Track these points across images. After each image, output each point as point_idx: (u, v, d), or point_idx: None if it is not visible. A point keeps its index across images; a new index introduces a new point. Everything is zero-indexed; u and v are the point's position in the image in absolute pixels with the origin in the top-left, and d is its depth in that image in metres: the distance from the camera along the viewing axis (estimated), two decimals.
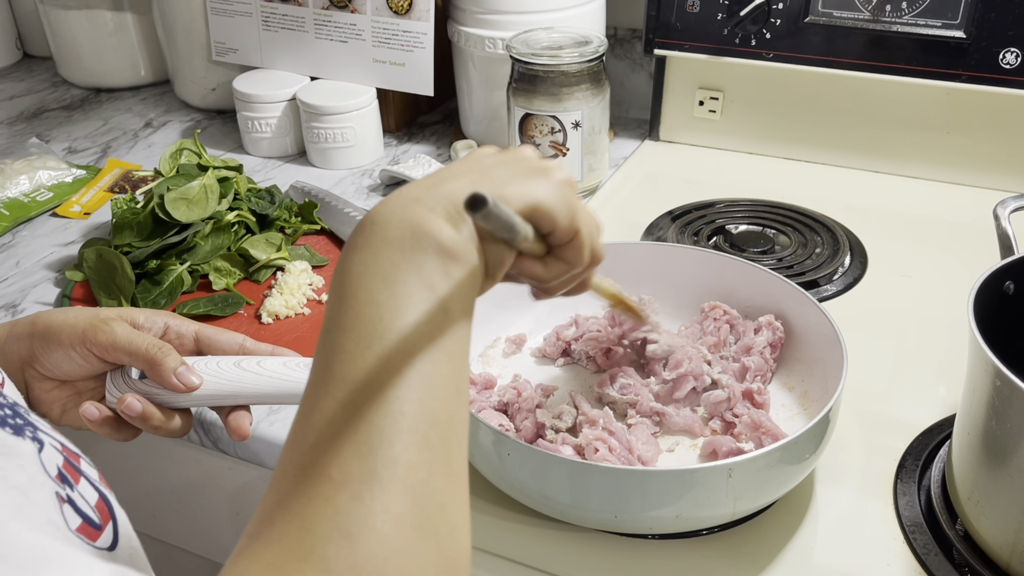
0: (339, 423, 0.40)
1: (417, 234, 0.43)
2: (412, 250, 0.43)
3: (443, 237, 0.43)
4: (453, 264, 0.43)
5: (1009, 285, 0.66)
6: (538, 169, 0.48)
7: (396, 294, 0.42)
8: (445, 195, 0.44)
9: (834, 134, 1.14)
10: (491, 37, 1.12)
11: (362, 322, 0.42)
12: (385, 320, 0.41)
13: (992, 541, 0.61)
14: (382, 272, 0.42)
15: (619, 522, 0.63)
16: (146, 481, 0.93)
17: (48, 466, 0.39)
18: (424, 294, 0.42)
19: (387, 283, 0.42)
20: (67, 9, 1.42)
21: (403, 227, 0.43)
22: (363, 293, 0.42)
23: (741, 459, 0.60)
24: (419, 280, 0.42)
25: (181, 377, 0.61)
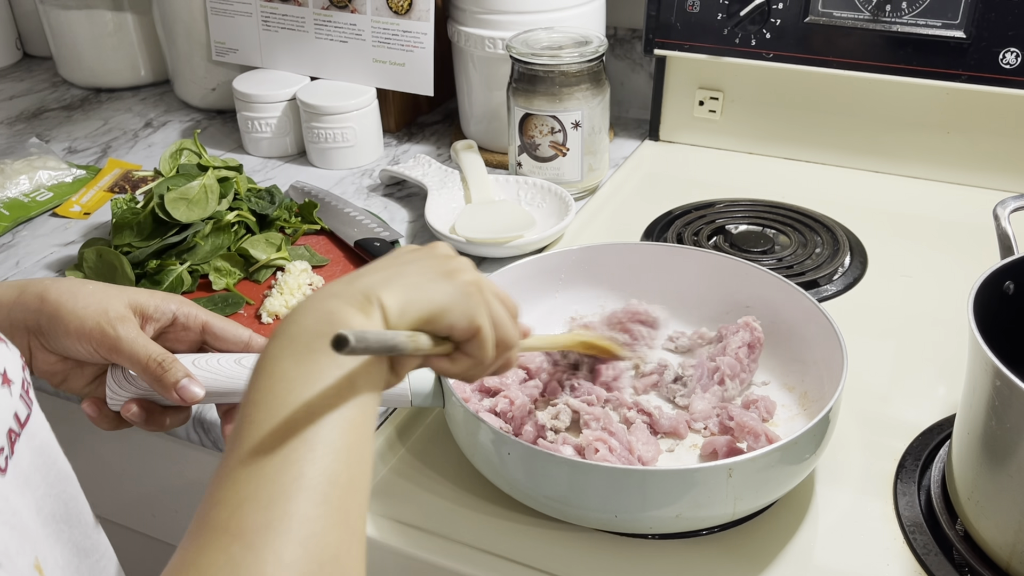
0: (242, 482, 0.42)
1: (331, 321, 0.47)
2: (325, 335, 0.45)
3: (354, 324, 0.47)
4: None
5: (1009, 285, 0.66)
6: (446, 272, 0.52)
7: (308, 371, 0.46)
8: (359, 288, 0.49)
9: (834, 134, 1.14)
10: (491, 37, 1.12)
11: (272, 394, 0.45)
12: (295, 392, 0.45)
13: (992, 541, 0.61)
14: (296, 353, 0.46)
15: (619, 522, 0.63)
16: (146, 481, 0.93)
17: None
18: (333, 371, 0.46)
19: (299, 361, 0.46)
20: (67, 9, 1.42)
21: (319, 316, 0.47)
22: (277, 371, 0.46)
23: (741, 459, 0.60)
24: (329, 360, 0.46)
25: (182, 392, 0.61)
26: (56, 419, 0.93)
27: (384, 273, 0.51)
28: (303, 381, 0.45)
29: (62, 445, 0.55)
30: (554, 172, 1.08)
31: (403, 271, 0.52)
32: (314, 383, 0.45)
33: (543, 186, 1.06)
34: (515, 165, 1.10)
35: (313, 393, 0.45)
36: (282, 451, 0.43)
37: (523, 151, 1.08)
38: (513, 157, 1.10)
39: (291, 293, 0.91)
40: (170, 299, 0.66)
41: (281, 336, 0.48)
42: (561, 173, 1.08)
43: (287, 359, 0.46)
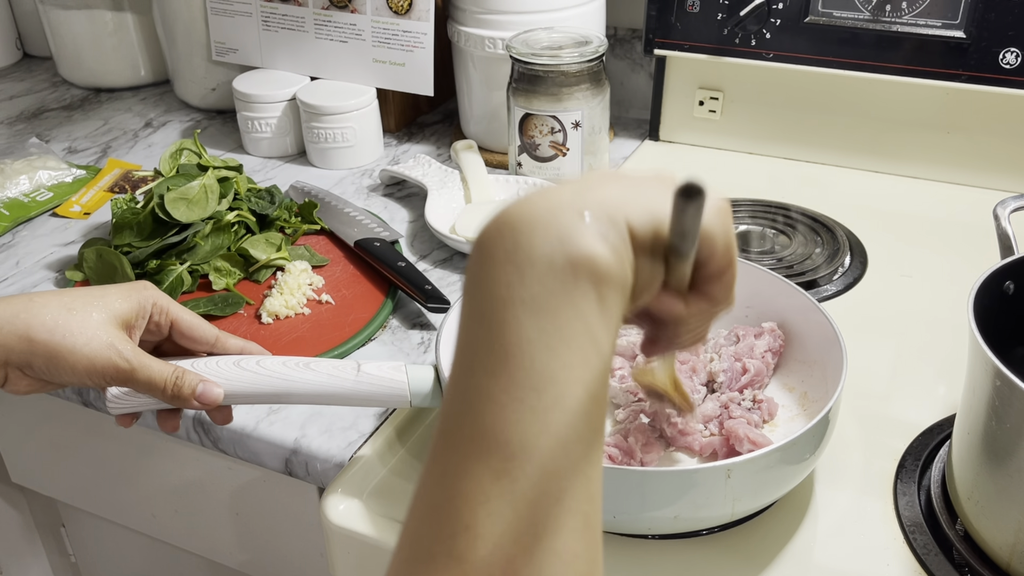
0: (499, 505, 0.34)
1: (571, 251, 0.37)
2: (566, 274, 0.36)
3: (599, 257, 0.37)
4: (609, 291, 0.37)
5: (1009, 285, 0.66)
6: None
7: (548, 332, 0.36)
8: (597, 200, 0.38)
9: (834, 134, 1.14)
10: (491, 37, 1.12)
11: (513, 365, 0.35)
12: (540, 367, 0.35)
13: (992, 541, 0.61)
14: (532, 300, 0.36)
15: (618, 522, 0.63)
16: (146, 481, 0.93)
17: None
18: (583, 338, 0.36)
19: (538, 315, 0.36)
20: (67, 9, 1.42)
21: (551, 239, 0.37)
22: (511, 325, 0.36)
23: (740, 460, 0.60)
24: (576, 316, 0.36)
25: (203, 398, 0.61)
26: (56, 419, 0.93)
27: (619, 186, 0.40)
28: (546, 348, 0.35)
29: (62, 445, 0.55)
30: (554, 172, 1.08)
31: (641, 185, 0.40)
32: (561, 352, 0.36)
33: (543, 186, 1.06)
34: (515, 165, 1.10)
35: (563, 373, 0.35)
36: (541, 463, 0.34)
37: (523, 151, 1.08)
38: (513, 157, 1.10)
39: (291, 293, 0.91)
40: (141, 295, 0.65)
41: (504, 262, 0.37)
42: (561, 173, 1.08)
43: (521, 308, 0.36)
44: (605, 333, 0.37)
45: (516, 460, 0.34)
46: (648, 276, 0.41)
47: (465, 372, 0.37)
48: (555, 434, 0.35)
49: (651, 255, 0.40)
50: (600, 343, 0.37)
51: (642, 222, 0.39)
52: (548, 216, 0.37)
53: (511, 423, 0.35)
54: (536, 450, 0.34)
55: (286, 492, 0.83)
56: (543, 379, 0.35)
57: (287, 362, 0.64)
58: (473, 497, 0.34)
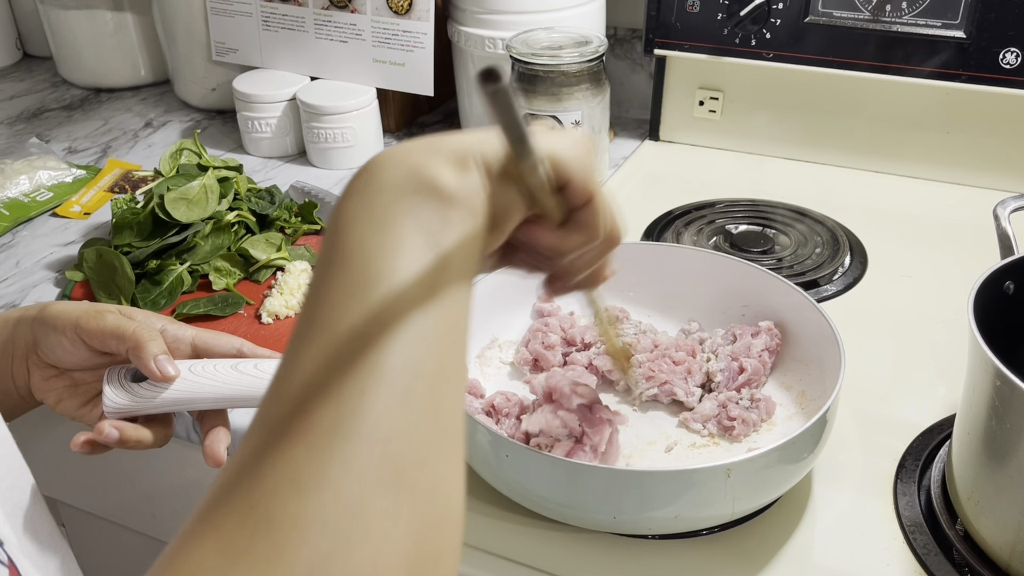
0: (312, 375, 0.36)
1: (417, 177, 0.40)
2: (410, 194, 0.39)
3: (444, 180, 0.40)
4: (455, 211, 0.40)
5: (1009, 285, 0.66)
6: (554, 127, 0.46)
7: (389, 240, 0.38)
8: (450, 143, 0.42)
9: (834, 134, 1.14)
10: (491, 37, 1.12)
11: (350, 269, 0.38)
12: (374, 267, 0.38)
13: (992, 541, 0.61)
14: (375, 217, 0.39)
15: (618, 523, 0.63)
16: (146, 481, 0.93)
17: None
18: (419, 240, 0.39)
19: (380, 228, 0.39)
20: (67, 9, 1.42)
21: (401, 171, 0.40)
22: (353, 239, 0.39)
23: (739, 459, 0.60)
24: (416, 226, 0.39)
25: (159, 364, 0.60)
26: (56, 419, 0.93)
27: (480, 132, 0.43)
28: (384, 253, 0.38)
29: (62, 445, 0.55)
30: None
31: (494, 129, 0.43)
32: (398, 255, 0.38)
33: None
34: None
35: (398, 270, 0.38)
36: (357, 338, 0.36)
37: None
38: None
39: (291, 293, 0.91)
40: (157, 316, 0.66)
41: (355, 195, 0.40)
42: None
43: (364, 224, 0.39)
44: (450, 241, 0.39)
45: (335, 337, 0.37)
46: (507, 199, 0.43)
47: (312, 282, 0.40)
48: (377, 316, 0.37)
49: (506, 181, 0.43)
50: (442, 249, 0.39)
51: (494, 151, 0.42)
52: (402, 154, 0.41)
53: (337, 311, 0.37)
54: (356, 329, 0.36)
55: None
56: (373, 276, 0.38)
57: None
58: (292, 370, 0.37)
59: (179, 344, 0.65)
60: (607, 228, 0.49)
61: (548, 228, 0.47)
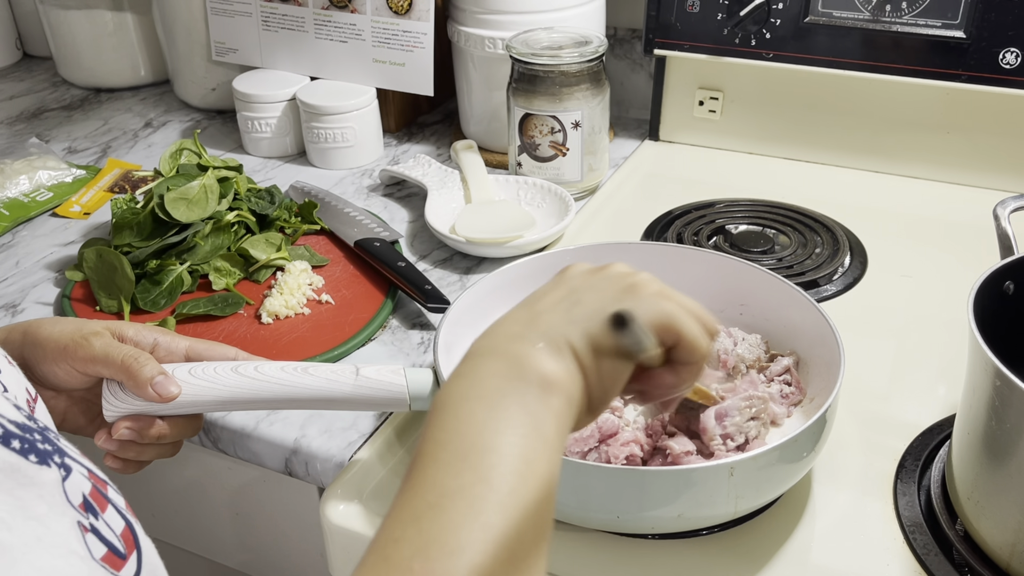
0: (426, 522, 0.40)
1: (521, 366, 0.45)
2: (516, 380, 0.45)
3: (546, 370, 0.45)
4: (554, 396, 0.45)
5: (1009, 285, 0.66)
6: (627, 288, 0.51)
7: (497, 416, 0.43)
8: (545, 331, 0.47)
9: (834, 134, 1.14)
10: (491, 37, 1.12)
11: (461, 437, 0.43)
12: (485, 437, 0.43)
13: (992, 541, 0.61)
14: (485, 396, 0.44)
15: (621, 522, 0.63)
16: (146, 481, 0.93)
17: (72, 495, 0.39)
18: (524, 419, 0.44)
19: (489, 406, 0.44)
20: (67, 9, 1.42)
21: (508, 359, 0.46)
22: (463, 412, 0.44)
23: (742, 457, 0.60)
24: (520, 407, 0.44)
25: (158, 387, 0.60)
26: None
27: (562, 308, 0.49)
28: (492, 426, 0.43)
29: None
30: (554, 172, 1.08)
31: (581, 300, 0.50)
32: (504, 430, 0.43)
33: (543, 186, 1.06)
34: (515, 165, 1.10)
35: (503, 440, 0.43)
36: (469, 493, 0.41)
37: (523, 151, 1.08)
38: (513, 157, 1.10)
39: (291, 293, 0.91)
40: (151, 328, 0.66)
41: (468, 376, 0.46)
42: (561, 173, 1.08)
43: (476, 401, 0.44)
44: (551, 425, 0.45)
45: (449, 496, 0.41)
46: (611, 372, 0.49)
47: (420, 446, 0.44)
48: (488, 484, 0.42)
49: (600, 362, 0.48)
50: (544, 431, 0.44)
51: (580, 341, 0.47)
52: (505, 345, 0.47)
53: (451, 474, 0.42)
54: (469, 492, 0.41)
55: (286, 492, 0.83)
56: (484, 447, 0.43)
57: (285, 367, 0.64)
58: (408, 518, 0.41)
59: (172, 357, 0.65)
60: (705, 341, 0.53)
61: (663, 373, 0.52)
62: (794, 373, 0.75)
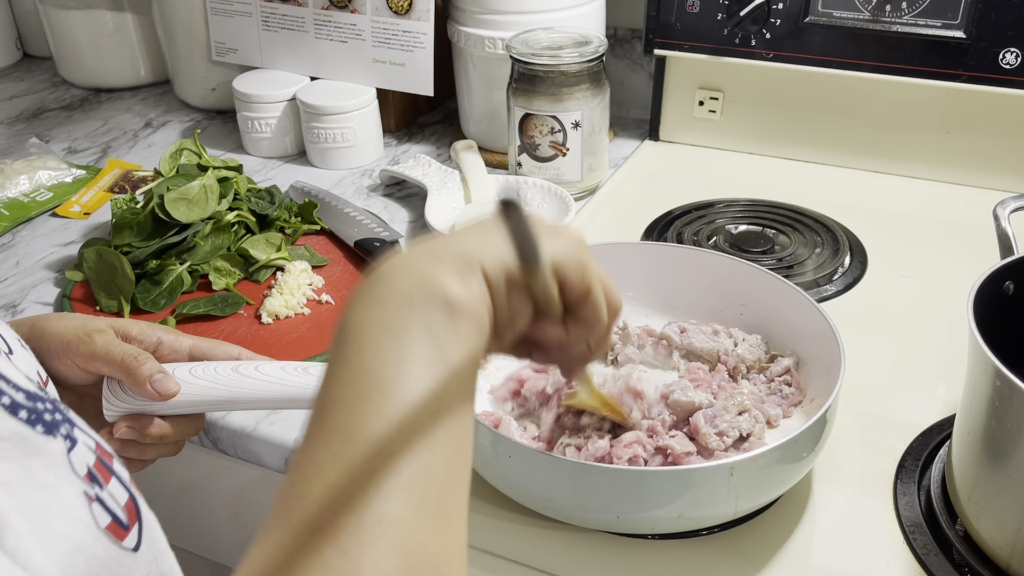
0: (333, 476, 0.38)
1: (425, 287, 0.42)
2: (419, 303, 0.42)
3: (452, 291, 0.42)
4: (461, 319, 0.42)
5: (1009, 285, 0.66)
6: (550, 228, 0.48)
7: (401, 346, 0.41)
8: (456, 252, 0.44)
9: (834, 134, 1.14)
10: (491, 37, 1.12)
11: (364, 373, 0.41)
12: (388, 372, 0.40)
13: (992, 541, 0.61)
14: (387, 323, 0.42)
15: (621, 523, 0.63)
16: (146, 481, 0.93)
17: (77, 465, 0.39)
18: (429, 348, 0.41)
19: (392, 335, 0.41)
20: (67, 9, 1.42)
21: (411, 280, 0.43)
22: (366, 343, 0.41)
23: (742, 457, 0.60)
24: (425, 334, 0.41)
25: (157, 385, 0.60)
26: None
27: (476, 235, 0.46)
28: (397, 359, 0.41)
29: None
30: (554, 172, 1.08)
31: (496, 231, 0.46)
32: (409, 362, 0.41)
33: (543, 186, 1.06)
34: (515, 165, 1.10)
35: (410, 377, 0.40)
36: (376, 443, 0.39)
37: (523, 151, 1.08)
38: (513, 157, 1.10)
39: (291, 293, 0.91)
40: (155, 327, 0.66)
41: (367, 297, 0.43)
42: (561, 173, 1.08)
43: (377, 329, 0.41)
44: (458, 352, 0.42)
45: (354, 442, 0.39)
46: (515, 308, 0.46)
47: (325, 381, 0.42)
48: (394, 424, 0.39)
49: (510, 291, 0.46)
50: (451, 359, 0.42)
51: (493, 264, 0.44)
52: (411, 263, 0.43)
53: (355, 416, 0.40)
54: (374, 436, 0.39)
55: None
56: (388, 383, 0.40)
57: (285, 367, 0.64)
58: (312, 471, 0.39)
59: (176, 356, 0.65)
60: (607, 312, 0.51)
61: (552, 324, 0.49)
62: (794, 374, 0.75)
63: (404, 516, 0.38)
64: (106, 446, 0.43)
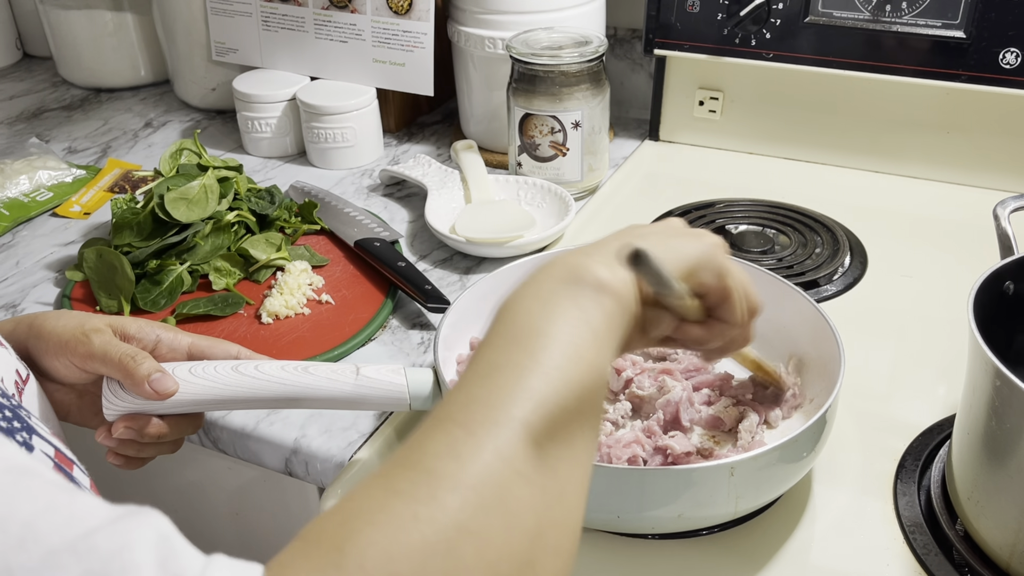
0: (475, 387, 0.43)
1: (577, 272, 0.48)
2: (572, 283, 0.47)
3: (600, 274, 0.48)
4: (607, 296, 0.48)
5: (1009, 285, 0.66)
6: (689, 234, 0.54)
7: (550, 310, 0.46)
8: (603, 248, 0.50)
9: (834, 134, 1.14)
10: (491, 37, 1.12)
11: (515, 325, 0.46)
12: (536, 323, 0.46)
13: (992, 541, 0.61)
14: (540, 295, 0.47)
15: (621, 522, 0.63)
16: (146, 481, 0.93)
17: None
18: (575, 313, 0.46)
19: (543, 303, 0.47)
20: (67, 9, 1.42)
21: (564, 268, 0.49)
22: (521, 310, 0.47)
23: (742, 457, 0.60)
24: (573, 304, 0.47)
25: (155, 385, 0.60)
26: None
27: (626, 237, 0.52)
28: (546, 316, 0.46)
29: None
30: (554, 172, 1.08)
31: (646, 232, 0.53)
32: (557, 319, 0.46)
33: (543, 186, 1.06)
34: (515, 165, 1.10)
35: (555, 328, 0.45)
36: (515, 365, 0.44)
37: (523, 151, 1.08)
38: (513, 157, 1.10)
39: (291, 293, 0.91)
40: (154, 325, 0.66)
41: (527, 284, 0.49)
42: (561, 173, 1.08)
43: (530, 299, 0.47)
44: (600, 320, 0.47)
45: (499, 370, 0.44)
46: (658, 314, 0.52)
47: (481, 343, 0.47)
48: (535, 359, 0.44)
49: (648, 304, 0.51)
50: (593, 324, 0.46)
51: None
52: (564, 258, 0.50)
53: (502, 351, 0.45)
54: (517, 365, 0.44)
55: (286, 492, 0.83)
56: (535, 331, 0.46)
57: (285, 366, 0.64)
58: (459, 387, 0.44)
59: (175, 354, 0.65)
60: (745, 312, 0.56)
61: (694, 326, 0.55)
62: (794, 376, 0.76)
63: (531, 419, 0.42)
64: (67, 453, 0.43)
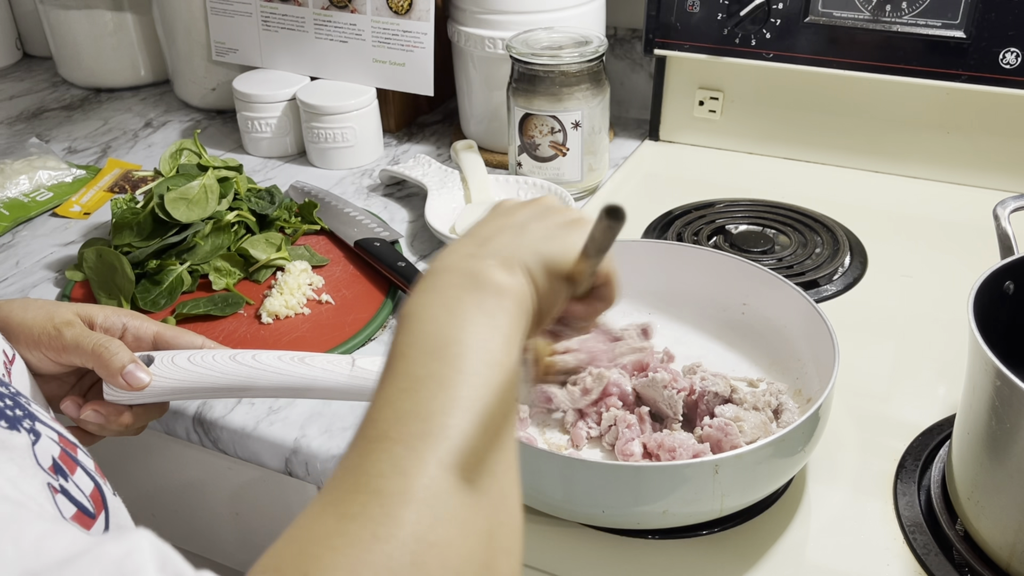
0: (400, 402, 0.43)
1: (477, 279, 0.48)
2: (473, 289, 0.48)
3: (499, 280, 0.49)
4: (508, 299, 0.48)
5: (1009, 285, 0.66)
6: (570, 223, 0.53)
7: (459, 317, 0.47)
8: (495, 251, 0.50)
9: (834, 134, 1.14)
10: (491, 37, 1.12)
11: (426, 335, 0.46)
12: (447, 332, 0.46)
13: (992, 541, 0.61)
14: (446, 304, 0.47)
15: (607, 517, 0.63)
16: (146, 481, 0.93)
17: (42, 458, 0.40)
18: (482, 318, 0.47)
19: (450, 311, 0.47)
20: (67, 9, 1.42)
21: (465, 274, 0.49)
22: (427, 317, 0.47)
23: (727, 455, 0.60)
24: (479, 310, 0.47)
25: (128, 377, 0.61)
26: None
27: (510, 234, 0.52)
28: (455, 324, 0.46)
29: None
30: (554, 172, 1.08)
31: (528, 228, 0.53)
32: (465, 326, 0.46)
33: (543, 186, 1.06)
34: (515, 165, 1.10)
35: (465, 334, 0.46)
36: (437, 377, 0.44)
37: (523, 151, 1.08)
38: (513, 157, 1.10)
39: (291, 293, 0.91)
40: (120, 312, 0.66)
41: (429, 291, 0.49)
42: (561, 173, 1.08)
43: (436, 307, 0.48)
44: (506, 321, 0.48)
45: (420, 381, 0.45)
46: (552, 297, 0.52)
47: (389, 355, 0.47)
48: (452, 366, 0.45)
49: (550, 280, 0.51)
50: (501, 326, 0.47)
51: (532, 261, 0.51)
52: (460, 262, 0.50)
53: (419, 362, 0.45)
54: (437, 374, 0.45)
55: (286, 492, 0.83)
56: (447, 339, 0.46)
57: (282, 356, 0.64)
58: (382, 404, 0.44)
59: (140, 344, 0.66)
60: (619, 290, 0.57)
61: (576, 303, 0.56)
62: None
63: (464, 429, 0.42)
64: (69, 436, 0.44)
